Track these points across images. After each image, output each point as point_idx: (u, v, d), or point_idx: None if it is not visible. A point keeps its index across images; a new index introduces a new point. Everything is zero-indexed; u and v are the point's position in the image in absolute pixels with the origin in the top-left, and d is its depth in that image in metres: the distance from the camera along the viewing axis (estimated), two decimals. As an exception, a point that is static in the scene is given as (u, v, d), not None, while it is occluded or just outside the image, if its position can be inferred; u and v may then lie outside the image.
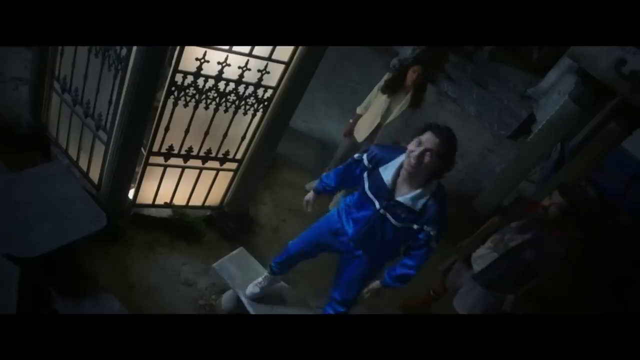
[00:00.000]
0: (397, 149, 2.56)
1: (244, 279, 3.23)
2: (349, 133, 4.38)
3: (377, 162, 2.52)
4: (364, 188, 2.57)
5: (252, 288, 3.16)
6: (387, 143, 4.12)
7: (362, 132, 4.22)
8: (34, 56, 3.38)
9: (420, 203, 2.41)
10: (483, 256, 3.31)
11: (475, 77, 8.34)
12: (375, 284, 2.77)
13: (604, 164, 7.17)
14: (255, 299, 3.16)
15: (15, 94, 3.98)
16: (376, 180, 2.50)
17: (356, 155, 2.67)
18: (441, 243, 2.61)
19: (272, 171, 4.70)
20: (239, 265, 3.30)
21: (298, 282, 3.66)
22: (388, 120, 4.03)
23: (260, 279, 3.17)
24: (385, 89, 4.00)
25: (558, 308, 4.99)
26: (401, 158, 2.45)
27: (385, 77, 4.06)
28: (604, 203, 7.25)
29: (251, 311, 3.15)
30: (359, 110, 4.28)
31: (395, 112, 3.99)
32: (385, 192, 2.47)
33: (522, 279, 3.23)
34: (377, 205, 2.51)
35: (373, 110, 4.11)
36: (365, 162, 2.57)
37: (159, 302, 3.31)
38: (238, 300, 3.26)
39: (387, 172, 2.47)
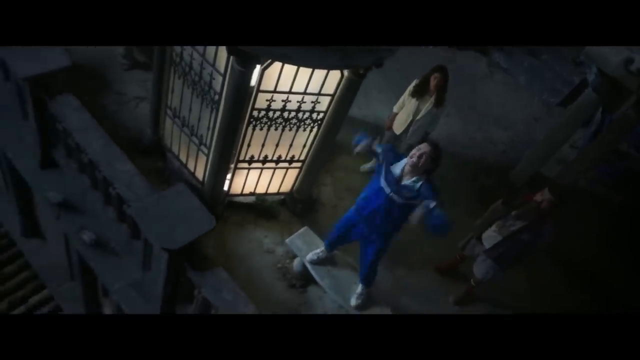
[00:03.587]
0: (401, 156, 3.66)
1: (308, 250, 4.45)
2: (389, 127, 5.36)
3: (389, 163, 3.62)
4: (379, 178, 3.65)
5: (311, 255, 4.40)
6: (419, 134, 5.16)
7: (398, 127, 5.22)
8: (153, 88, 4.61)
9: (417, 185, 3.51)
10: (490, 237, 4.25)
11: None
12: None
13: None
14: (314, 263, 4.39)
15: (137, 111, 5.30)
16: (389, 173, 3.61)
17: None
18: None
19: (331, 157, 5.75)
20: (304, 241, 4.51)
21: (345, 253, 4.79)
22: (418, 117, 5.02)
23: (318, 250, 4.38)
24: (413, 94, 4.96)
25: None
26: (404, 161, 3.56)
27: (413, 84, 4.99)
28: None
29: (313, 273, 4.37)
30: (395, 109, 5.26)
31: (424, 110, 4.97)
32: (394, 180, 3.56)
33: (519, 255, 4.16)
34: (388, 190, 3.58)
35: (406, 110, 5.08)
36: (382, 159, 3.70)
37: (248, 266, 4.62)
38: (304, 265, 4.49)
39: (395, 168, 3.59)
